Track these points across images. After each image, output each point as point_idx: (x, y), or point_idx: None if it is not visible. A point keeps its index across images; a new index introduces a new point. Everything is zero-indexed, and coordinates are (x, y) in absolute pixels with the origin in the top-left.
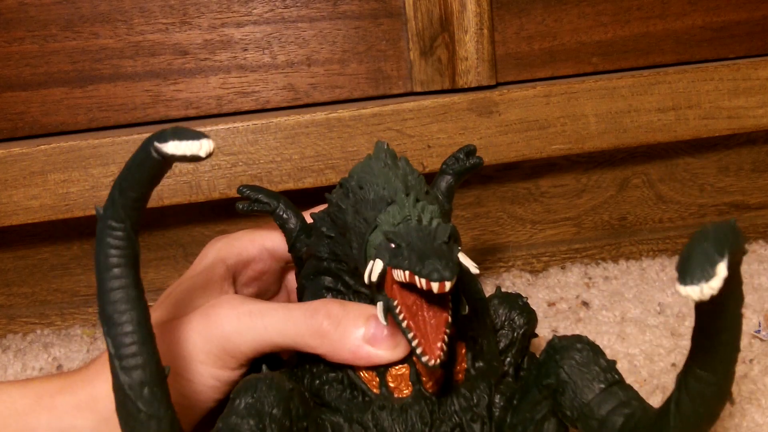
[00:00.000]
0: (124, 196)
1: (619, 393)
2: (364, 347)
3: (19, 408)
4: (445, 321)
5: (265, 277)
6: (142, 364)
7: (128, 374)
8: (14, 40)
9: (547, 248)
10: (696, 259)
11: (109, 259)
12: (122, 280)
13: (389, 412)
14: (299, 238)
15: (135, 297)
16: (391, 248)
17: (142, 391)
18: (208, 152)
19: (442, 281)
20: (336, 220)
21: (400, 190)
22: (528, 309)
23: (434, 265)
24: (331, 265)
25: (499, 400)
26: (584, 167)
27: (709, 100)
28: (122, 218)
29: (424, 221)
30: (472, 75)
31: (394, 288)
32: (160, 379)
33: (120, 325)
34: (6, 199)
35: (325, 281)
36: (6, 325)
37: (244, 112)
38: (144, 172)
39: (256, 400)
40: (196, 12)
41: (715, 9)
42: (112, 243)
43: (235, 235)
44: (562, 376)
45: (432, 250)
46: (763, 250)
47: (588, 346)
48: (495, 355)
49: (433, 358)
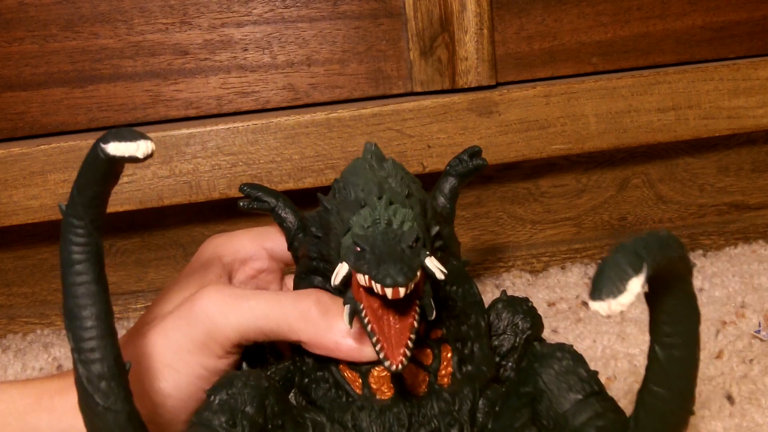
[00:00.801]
0: (81, 195)
1: (595, 404)
2: (348, 340)
3: (20, 408)
4: (410, 326)
5: (262, 276)
6: (100, 358)
7: (86, 367)
8: (14, 40)
9: (547, 248)
10: (607, 273)
11: (71, 256)
12: (84, 276)
13: (368, 413)
14: (297, 237)
15: (96, 292)
16: (356, 251)
17: (100, 384)
18: (145, 153)
19: (395, 287)
20: (322, 221)
21: (373, 192)
22: (533, 313)
23: (388, 270)
24: (320, 265)
25: (484, 406)
26: (584, 167)
27: (709, 100)
28: (82, 216)
29: (394, 224)
30: (472, 75)
31: (360, 291)
32: (118, 374)
33: (80, 319)
34: (6, 199)
35: (315, 281)
36: (6, 325)
37: (244, 112)
38: (96, 171)
39: (230, 396)
40: (196, 12)
41: (715, 9)
42: (73, 240)
43: (234, 233)
44: (540, 384)
45: (391, 255)
46: (763, 250)
47: (569, 354)
48: (486, 360)
49: (395, 363)
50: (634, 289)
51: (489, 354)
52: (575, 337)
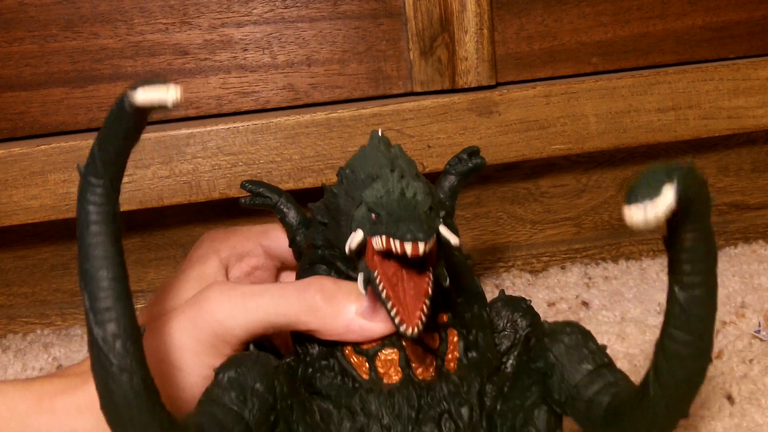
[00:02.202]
0: (103, 151)
1: (607, 374)
2: (357, 320)
3: (20, 410)
4: (425, 291)
5: (258, 273)
6: (116, 317)
7: (102, 327)
8: (14, 40)
9: (547, 248)
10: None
11: (88, 216)
12: (100, 237)
13: (377, 396)
14: (299, 233)
15: (113, 253)
16: (372, 218)
17: (115, 343)
18: (174, 100)
19: (415, 242)
20: (329, 206)
21: (385, 166)
22: (531, 312)
23: (408, 227)
24: (325, 252)
25: (491, 390)
26: (584, 167)
27: (709, 100)
28: (101, 174)
29: (407, 194)
30: (472, 75)
31: (375, 259)
32: (134, 335)
33: (96, 279)
34: (6, 199)
35: (319, 270)
36: (6, 325)
37: (244, 112)
38: (120, 125)
39: (239, 374)
40: (196, 12)
41: (715, 9)
42: (91, 200)
43: (231, 230)
44: (551, 359)
45: (410, 215)
46: (763, 250)
47: (577, 329)
48: (490, 349)
49: (412, 326)
50: (669, 196)
51: (492, 344)
52: None
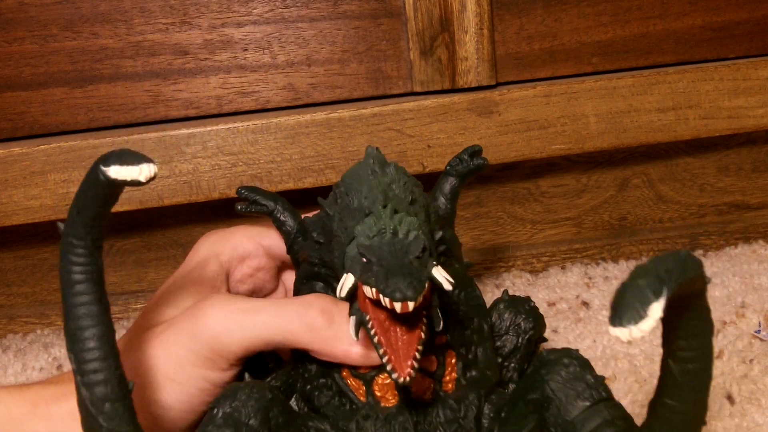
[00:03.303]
0: (81, 215)
1: (604, 411)
2: (356, 347)
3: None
4: (418, 337)
5: (260, 274)
6: (104, 380)
7: (90, 390)
8: (14, 40)
9: (547, 248)
10: (628, 298)
11: (72, 276)
12: (85, 297)
13: (374, 421)
14: (296, 241)
15: (98, 313)
16: (363, 262)
17: (103, 406)
18: (148, 177)
19: (404, 301)
20: (324, 227)
21: (378, 201)
22: (535, 313)
23: (397, 285)
24: (321, 270)
25: (489, 411)
26: (584, 167)
27: (709, 100)
28: (82, 235)
29: (400, 234)
30: (472, 75)
31: (366, 302)
32: (122, 395)
33: (82, 341)
34: (6, 199)
35: (316, 287)
36: (6, 325)
37: (244, 112)
38: (96, 192)
39: (234, 409)
40: (196, 12)
41: (715, 9)
42: (73, 260)
43: (231, 230)
44: (548, 391)
45: (400, 268)
46: (763, 250)
47: (576, 360)
48: (490, 364)
49: (403, 375)
50: (656, 314)
51: (493, 358)
52: (575, 337)
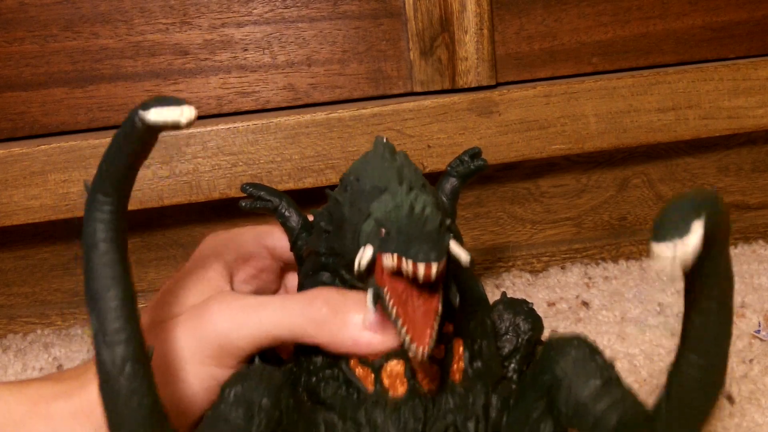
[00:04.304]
0: (111, 169)
1: (614, 391)
2: (365, 334)
3: (15, 415)
4: (435, 309)
5: (263, 276)
6: (126, 339)
7: (111, 349)
8: (14, 40)
9: (547, 248)
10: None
11: (96, 234)
12: (109, 256)
13: (383, 409)
14: (300, 237)
15: (121, 273)
16: (381, 234)
17: (124, 366)
18: (189, 119)
19: (428, 262)
20: (333, 214)
21: (393, 179)
22: (533, 315)
23: (420, 246)
24: (328, 260)
25: (496, 402)
26: (584, 167)
27: (709, 100)
28: (110, 192)
29: (416, 209)
30: (472, 75)
31: (384, 275)
32: (143, 357)
33: (105, 300)
34: (6, 199)
35: (323, 277)
36: (6, 325)
37: (244, 112)
38: (131, 143)
39: (246, 389)
40: (196, 12)
41: (715, 9)
42: (99, 217)
43: (234, 231)
44: (558, 372)
45: (420, 234)
46: (763, 250)
47: (585, 343)
48: (494, 358)
49: (422, 345)
50: (698, 231)
51: (495, 353)
52: None
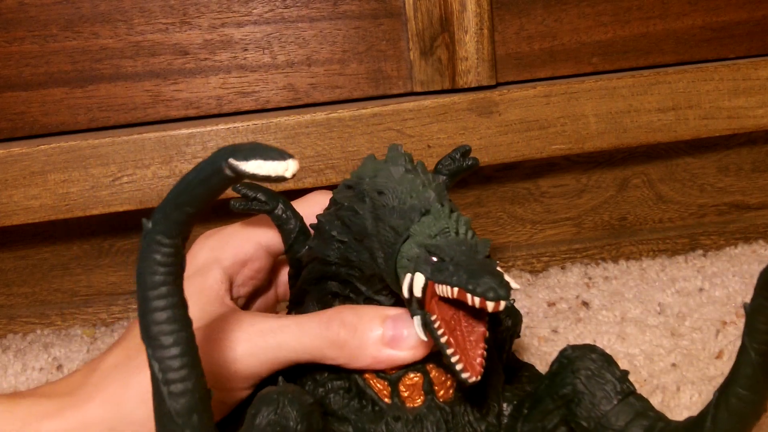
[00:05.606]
0: (180, 212)
1: (635, 404)
2: (385, 350)
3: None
4: (483, 335)
5: (260, 275)
6: (192, 389)
7: (176, 400)
8: (14, 40)
9: (547, 248)
10: None
11: (155, 277)
12: (169, 300)
13: (404, 423)
14: (298, 240)
15: (182, 317)
16: (433, 262)
17: (191, 418)
18: (293, 173)
19: (498, 300)
20: (350, 225)
21: (434, 199)
22: (514, 310)
23: (489, 284)
24: (340, 269)
25: (506, 408)
26: (584, 167)
27: (709, 100)
28: (174, 234)
29: (461, 234)
30: (472, 75)
31: (432, 302)
32: (207, 405)
33: (167, 347)
34: (6, 199)
35: (332, 286)
36: (6, 325)
37: (244, 112)
38: (209, 188)
39: (280, 416)
40: (196, 12)
41: (715, 9)
42: (159, 260)
43: (228, 232)
44: (579, 386)
45: (481, 267)
46: (763, 250)
47: (602, 356)
48: (496, 362)
49: (475, 374)
50: None
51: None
52: (575, 337)
